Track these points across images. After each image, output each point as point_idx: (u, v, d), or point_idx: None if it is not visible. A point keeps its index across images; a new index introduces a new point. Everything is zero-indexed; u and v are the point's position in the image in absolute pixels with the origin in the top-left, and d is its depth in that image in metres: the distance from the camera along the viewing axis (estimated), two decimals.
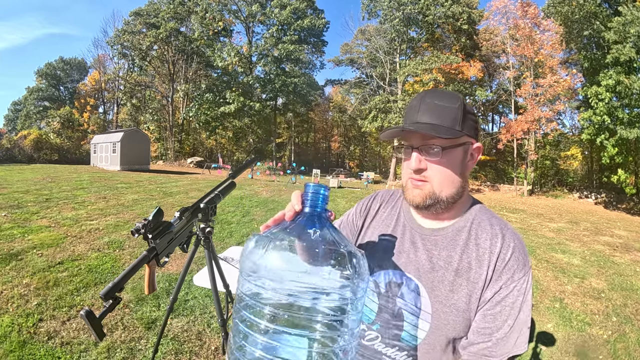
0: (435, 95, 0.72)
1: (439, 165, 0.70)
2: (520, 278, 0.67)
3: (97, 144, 20.11)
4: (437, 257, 0.73)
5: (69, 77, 39.09)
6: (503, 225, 0.74)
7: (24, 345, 2.16)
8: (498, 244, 0.70)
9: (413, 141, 0.71)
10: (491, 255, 0.69)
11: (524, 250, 0.71)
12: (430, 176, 0.70)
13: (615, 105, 14.03)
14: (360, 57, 29.53)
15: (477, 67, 22.23)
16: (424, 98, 0.71)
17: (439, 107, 0.69)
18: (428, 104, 0.70)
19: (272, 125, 31.63)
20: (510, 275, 0.67)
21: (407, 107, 0.76)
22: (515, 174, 20.62)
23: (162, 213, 1.08)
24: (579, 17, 15.60)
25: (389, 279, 0.75)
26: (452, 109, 0.69)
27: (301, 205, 0.57)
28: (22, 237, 4.28)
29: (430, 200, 0.71)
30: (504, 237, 0.71)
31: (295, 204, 0.57)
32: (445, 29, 24.45)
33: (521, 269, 0.68)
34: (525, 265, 0.69)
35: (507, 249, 0.69)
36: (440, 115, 0.68)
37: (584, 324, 3.17)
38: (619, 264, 5.33)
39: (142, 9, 29.24)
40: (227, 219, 6.26)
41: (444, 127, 0.67)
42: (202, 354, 2.25)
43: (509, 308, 0.65)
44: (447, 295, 0.69)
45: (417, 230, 0.78)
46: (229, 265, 2.04)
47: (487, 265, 0.69)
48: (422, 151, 0.70)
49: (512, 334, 0.65)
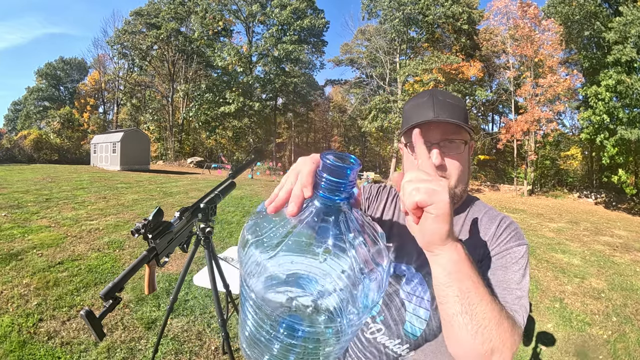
0: (445, 94, 0.73)
1: (458, 161, 0.71)
2: (513, 247, 0.67)
3: (97, 144, 20.10)
4: None
5: (69, 77, 39.06)
6: (498, 213, 0.77)
7: (24, 345, 2.16)
8: (493, 227, 0.72)
9: (431, 137, 0.70)
10: (485, 236, 0.71)
11: (518, 230, 0.72)
12: (449, 171, 0.71)
13: (615, 105, 14.03)
14: (360, 57, 29.52)
15: (477, 67, 22.22)
16: (434, 96, 0.72)
17: (453, 105, 0.71)
18: (442, 101, 0.70)
19: (272, 125, 31.62)
20: (504, 244, 0.68)
21: (412, 105, 0.75)
22: (515, 174, 20.62)
23: (162, 213, 1.08)
24: (579, 17, 15.61)
25: (392, 271, 0.75)
26: (462, 108, 0.72)
27: (311, 190, 0.41)
28: (22, 237, 4.28)
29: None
30: (501, 220, 0.73)
31: (305, 185, 0.41)
32: (445, 29, 24.43)
33: (514, 242, 0.68)
34: (520, 241, 0.69)
35: (501, 228, 0.71)
36: (456, 113, 0.70)
37: (584, 324, 3.17)
38: (619, 264, 5.33)
39: (143, 8, 29.23)
40: (227, 219, 6.26)
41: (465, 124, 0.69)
42: (202, 354, 2.25)
43: (502, 270, 0.65)
44: None
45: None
46: (229, 265, 2.04)
47: (482, 246, 0.70)
48: (441, 147, 0.70)
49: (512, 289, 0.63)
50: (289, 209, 0.40)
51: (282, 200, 0.42)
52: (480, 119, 28.27)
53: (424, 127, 0.70)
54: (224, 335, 1.54)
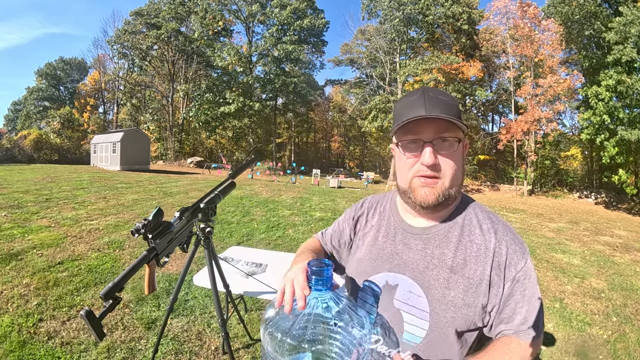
0: (436, 91, 0.71)
1: (452, 160, 0.69)
2: (522, 267, 0.68)
3: (97, 144, 20.11)
4: (430, 256, 0.72)
5: (69, 77, 39.08)
6: (494, 219, 0.75)
7: (24, 345, 2.16)
8: (492, 239, 0.70)
9: (424, 135, 0.68)
10: (487, 251, 0.70)
11: (518, 240, 0.71)
12: (443, 171, 0.69)
13: (615, 106, 14.02)
14: (360, 57, 29.53)
15: (477, 67, 22.22)
16: (426, 93, 0.69)
17: (445, 102, 0.69)
18: (433, 98, 0.68)
19: (272, 125, 31.63)
20: (514, 268, 0.68)
21: (403, 103, 0.72)
22: (515, 174, 20.62)
23: (162, 213, 1.08)
24: (579, 17, 15.61)
25: (385, 281, 0.75)
26: (455, 105, 0.70)
27: (309, 289, 0.58)
28: (22, 237, 4.28)
29: (442, 198, 0.69)
30: (497, 232, 0.71)
31: (303, 287, 0.57)
32: (445, 29, 24.43)
33: (520, 258, 0.69)
34: (524, 253, 0.70)
35: (501, 243, 0.70)
36: (449, 109, 0.68)
37: (584, 324, 3.17)
38: (619, 264, 5.33)
39: (143, 8, 29.22)
40: (227, 219, 6.26)
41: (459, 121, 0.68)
42: (202, 354, 2.25)
43: (520, 296, 0.67)
44: (444, 292, 0.69)
45: (408, 231, 0.77)
46: (228, 265, 2.04)
47: (483, 261, 0.69)
48: (434, 145, 0.68)
49: (529, 314, 0.67)
50: (299, 305, 0.55)
51: (290, 301, 0.57)
52: (480, 119, 28.29)
53: (415, 125, 0.68)
54: (224, 335, 1.54)
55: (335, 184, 16.29)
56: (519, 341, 0.66)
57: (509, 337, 0.67)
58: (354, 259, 0.86)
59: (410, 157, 0.70)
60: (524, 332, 0.66)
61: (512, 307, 0.67)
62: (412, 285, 0.72)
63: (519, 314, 0.67)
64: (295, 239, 5.31)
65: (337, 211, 8.04)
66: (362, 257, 0.82)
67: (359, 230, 0.88)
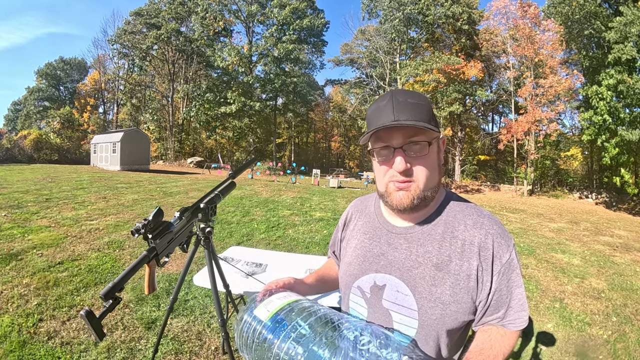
0: (405, 94, 0.71)
1: (423, 163, 0.70)
2: (507, 259, 0.70)
3: (97, 144, 20.11)
4: (415, 254, 0.73)
5: (69, 77, 39.07)
6: (480, 213, 0.75)
7: (24, 345, 2.16)
8: (477, 234, 0.71)
9: (394, 141, 0.69)
10: (471, 246, 0.70)
11: (502, 232, 0.72)
12: (415, 175, 0.70)
13: (616, 105, 14.01)
14: (360, 57, 29.52)
15: (477, 67, 22.22)
16: (394, 97, 0.69)
17: (414, 104, 0.69)
18: (402, 102, 0.68)
19: (272, 125, 31.62)
20: (499, 261, 0.70)
21: (373, 109, 0.73)
22: (516, 174, 20.62)
23: (162, 213, 1.08)
24: (579, 17, 15.59)
25: (373, 282, 0.76)
26: (425, 106, 0.70)
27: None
28: (22, 237, 4.28)
29: (418, 200, 0.70)
30: (482, 226, 0.72)
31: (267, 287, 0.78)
32: (445, 29, 24.42)
33: (505, 250, 0.70)
34: (509, 245, 0.71)
35: (487, 237, 0.70)
36: (418, 113, 0.68)
37: (584, 324, 3.17)
38: (619, 264, 5.32)
39: (143, 8, 29.22)
40: (227, 219, 6.26)
41: (427, 123, 0.67)
42: (202, 354, 2.25)
43: (505, 288, 0.69)
44: (430, 290, 0.70)
45: (392, 231, 0.78)
46: (229, 265, 2.04)
47: (469, 256, 0.70)
48: (405, 150, 0.69)
49: (514, 304, 0.70)
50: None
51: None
52: (480, 119, 28.28)
53: (385, 132, 0.69)
54: (224, 336, 1.54)
55: (335, 184, 16.28)
56: (505, 330, 0.69)
57: (495, 326, 0.70)
58: (343, 262, 0.88)
59: (384, 163, 0.72)
60: (509, 322, 0.69)
61: (497, 298, 0.69)
62: (399, 285, 0.73)
63: (504, 304, 0.69)
64: (295, 239, 5.31)
65: (337, 211, 8.04)
66: (350, 260, 0.84)
67: (347, 235, 0.91)
